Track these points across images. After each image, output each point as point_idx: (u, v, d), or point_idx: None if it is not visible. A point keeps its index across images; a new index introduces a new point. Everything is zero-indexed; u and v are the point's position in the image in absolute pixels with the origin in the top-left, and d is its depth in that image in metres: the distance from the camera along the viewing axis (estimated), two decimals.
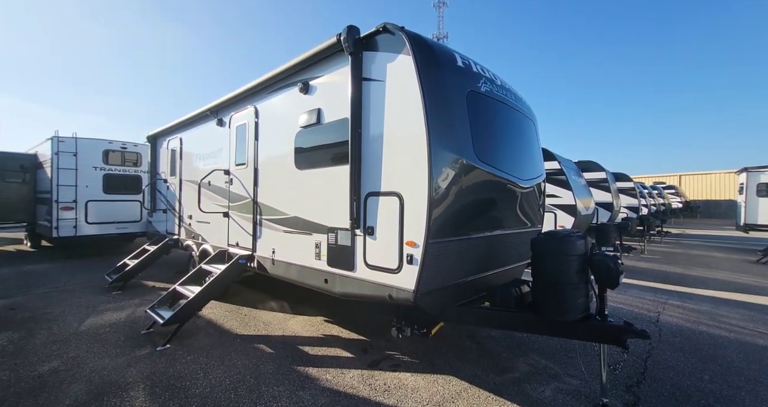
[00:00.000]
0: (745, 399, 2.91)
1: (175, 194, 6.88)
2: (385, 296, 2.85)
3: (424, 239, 2.57)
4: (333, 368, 3.37)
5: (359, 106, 3.07)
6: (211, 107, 5.44)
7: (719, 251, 12.17)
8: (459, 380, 3.16)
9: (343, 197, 3.21)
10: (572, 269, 2.71)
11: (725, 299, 5.93)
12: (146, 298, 5.59)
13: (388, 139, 2.87)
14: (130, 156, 10.32)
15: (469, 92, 2.98)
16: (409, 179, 2.69)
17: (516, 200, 3.47)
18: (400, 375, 3.25)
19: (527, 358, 3.63)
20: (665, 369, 3.39)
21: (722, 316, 5.11)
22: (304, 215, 3.71)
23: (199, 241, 5.90)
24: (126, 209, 10.01)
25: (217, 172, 5.14)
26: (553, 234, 2.83)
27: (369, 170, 3.02)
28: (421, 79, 2.62)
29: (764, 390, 3.06)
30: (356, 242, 3.12)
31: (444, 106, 2.72)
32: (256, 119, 4.54)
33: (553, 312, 2.73)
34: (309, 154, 3.72)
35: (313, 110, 3.59)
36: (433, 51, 2.81)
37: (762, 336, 4.35)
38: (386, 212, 2.85)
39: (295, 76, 3.86)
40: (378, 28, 2.95)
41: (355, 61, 3.06)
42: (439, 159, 2.60)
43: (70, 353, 3.58)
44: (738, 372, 3.38)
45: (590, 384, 3.11)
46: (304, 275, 3.71)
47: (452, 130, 2.74)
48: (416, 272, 2.62)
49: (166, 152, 7.34)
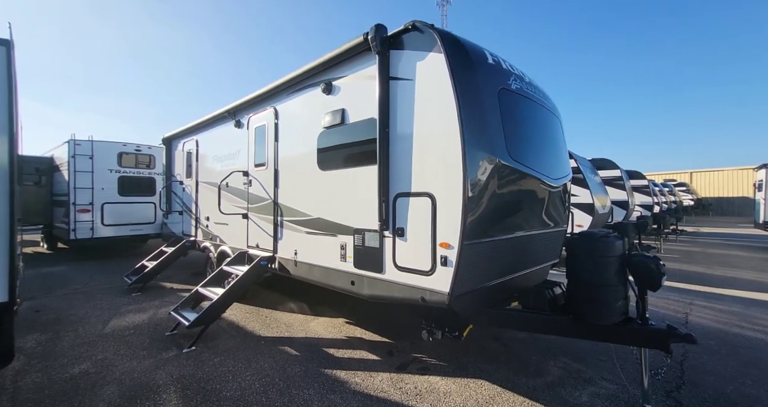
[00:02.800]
0: None
1: (191, 195, 6.90)
2: (417, 299, 2.80)
3: (459, 240, 2.50)
4: (361, 371, 3.32)
5: (387, 106, 3.02)
6: (228, 108, 5.43)
7: (739, 250, 11.87)
8: (491, 384, 3.10)
9: (370, 198, 3.16)
10: (611, 271, 2.63)
11: (755, 300, 5.75)
12: (166, 299, 5.62)
13: (418, 139, 2.82)
14: (143, 158, 10.42)
15: (501, 90, 2.91)
16: (442, 179, 2.62)
17: (546, 200, 3.39)
18: (430, 378, 3.20)
19: (557, 361, 3.54)
20: (704, 373, 3.28)
21: (755, 318, 4.94)
22: (328, 216, 3.67)
23: (217, 242, 5.91)
24: (140, 211, 10.11)
25: (236, 173, 5.13)
26: (590, 235, 2.74)
27: (398, 170, 2.97)
28: (454, 78, 2.56)
29: None
30: (385, 243, 3.07)
31: (477, 104, 2.66)
32: (275, 120, 4.51)
33: (592, 316, 2.66)
34: (333, 155, 3.68)
35: (336, 111, 3.55)
36: (464, 48, 2.74)
37: None
38: (417, 213, 2.80)
39: (317, 76, 3.82)
40: (406, 26, 2.90)
41: (382, 61, 3.01)
42: (474, 159, 2.54)
43: (98, 355, 3.59)
44: None
45: (627, 388, 3.02)
46: (328, 276, 3.67)
47: (485, 128, 2.67)
48: (451, 274, 2.56)
49: (181, 154, 7.37)
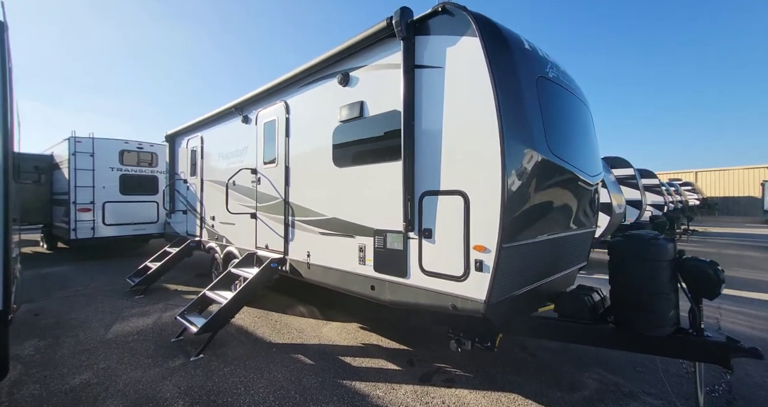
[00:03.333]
0: None
1: (195, 194, 6.68)
2: (446, 307, 2.56)
3: (497, 243, 2.27)
4: (381, 383, 3.09)
5: (412, 97, 2.78)
6: (235, 103, 5.20)
7: (754, 251, 11.59)
8: (524, 398, 2.86)
9: (393, 197, 2.93)
10: (663, 277, 2.39)
11: None
12: (170, 302, 5.40)
13: (448, 132, 2.58)
14: (145, 156, 10.21)
15: (539, 78, 2.67)
16: (477, 176, 2.39)
17: (582, 199, 3.15)
18: (457, 391, 2.96)
19: (591, 373, 3.30)
20: (753, 387, 3.04)
21: None
22: (345, 216, 3.44)
23: (224, 243, 5.68)
24: (143, 210, 9.89)
25: (244, 171, 4.90)
26: (639, 237, 2.50)
27: (424, 167, 2.73)
28: (491, 64, 2.32)
29: None
30: (410, 245, 2.83)
31: (516, 93, 2.42)
32: (286, 115, 4.28)
33: (642, 326, 2.42)
34: (350, 150, 3.44)
35: (354, 103, 3.31)
36: (501, 32, 2.50)
37: None
38: (448, 212, 2.56)
39: (333, 67, 3.58)
40: (435, 9, 2.66)
41: (407, 47, 2.77)
42: (513, 153, 2.30)
43: (100, 364, 3.37)
44: None
45: (672, 402, 2.78)
46: (345, 281, 3.44)
47: (525, 120, 2.43)
48: (487, 280, 2.32)
49: (185, 151, 7.14)
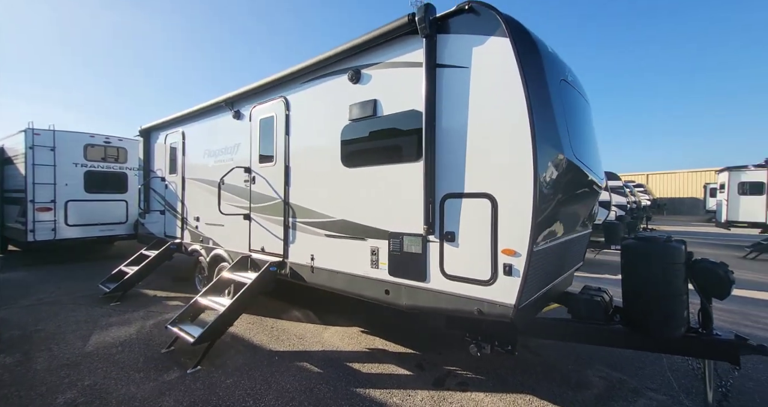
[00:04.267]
0: None
1: (176, 193, 6.26)
2: (471, 311, 2.53)
3: (528, 246, 2.26)
4: (396, 389, 3.02)
5: (433, 97, 2.71)
6: (226, 98, 4.91)
7: (706, 248, 12.58)
8: (540, 400, 2.89)
9: (411, 199, 2.85)
10: (679, 279, 2.48)
11: (745, 298, 5.96)
12: (151, 310, 5.02)
13: (473, 134, 2.54)
14: (114, 151, 9.48)
15: (561, 81, 2.70)
16: (506, 178, 2.36)
17: (591, 201, 3.23)
18: (474, 395, 2.94)
19: (596, 370, 3.40)
20: (743, 378, 3.25)
21: (756, 316, 5.09)
22: (355, 218, 3.32)
23: (210, 245, 5.36)
24: (111, 210, 9.17)
25: (237, 170, 4.63)
26: (654, 239, 2.59)
27: (446, 168, 2.68)
28: (522, 65, 2.30)
29: None
30: (429, 249, 2.77)
31: (545, 96, 2.42)
32: (286, 112, 4.08)
33: (657, 327, 2.50)
34: (361, 150, 3.32)
35: (367, 102, 3.20)
36: (529, 35, 2.50)
37: None
38: (473, 215, 2.52)
39: (343, 63, 3.45)
40: (459, 7, 2.61)
41: (429, 45, 2.70)
42: (544, 155, 2.30)
43: (85, 380, 3.04)
44: None
45: (678, 398, 2.91)
46: (355, 285, 3.32)
47: (553, 123, 2.44)
48: (517, 284, 2.31)
49: (163, 147, 6.68)
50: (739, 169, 15.66)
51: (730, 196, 15.92)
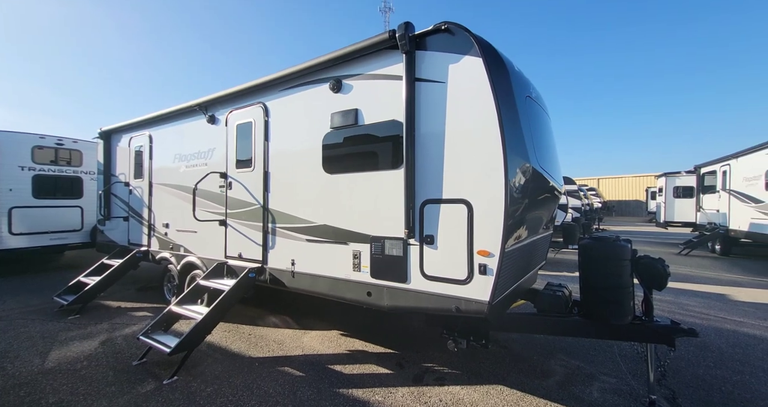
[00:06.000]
0: (752, 382, 3.28)
1: (142, 199, 5.99)
2: (450, 309, 2.72)
3: (501, 247, 2.49)
4: (378, 387, 3.14)
5: (413, 108, 2.91)
6: (199, 102, 4.82)
7: (647, 246, 13.87)
8: (510, 389, 3.13)
9: (392, 204, 3.02)
10: (627, 273, 2.84)
11: (678, 289, 6.72)
12: (116, 321, 4.78)
13: (450, 144, 2.75)
14: (67, 154, 8.83)
15: (526, 98, 2.99)
16: (481, 186, 2.59)
17: (552, 205, 3.57)
18: (450, 388, 3.14)
19: (557, 359, 3.73)
20: (676, 360, 3.70)
21: (686, 305, 5.77)
22: (337, 223, 3.43)
23: (181, 253, 5.19)
24: (63, 217, 8.52)
25: (212, 175, 4.56)
26: (606, 239, 2.94)
27: (425, 176, 2.87)
28: (493, 83, 2.55)
29: (760, 372, 3.48)
30: (410, 251, 2.94)
31: (512, 110, 2.69)
32: (265, 118, 4.11)
33: (611, 316, 2.84)
34: (343, 158, 3.44)
35: (349, 111, 3.33)
36: (499, 55, 2.77)
37: (725, 320, 5.00)
38: (451, 220, 2.73)
39: (324, 73, 3.56)
40: (436, 27, 2.83)
41: (409, 60, 2.90)
42: (513, 165, 2.55)
43: (49, 398, 2.88)
44: (731, 357, 3.81)
45: (626, 380, 3.28)
46: (338, 288, 3.42)
47: (520, 135, 2.72)
48: (491, 282, 2.53)
49: (127, 150, 6.37)
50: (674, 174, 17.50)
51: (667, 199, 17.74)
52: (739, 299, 6.19)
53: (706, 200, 13.40)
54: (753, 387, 3.19)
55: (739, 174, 10.62)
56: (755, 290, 6.87)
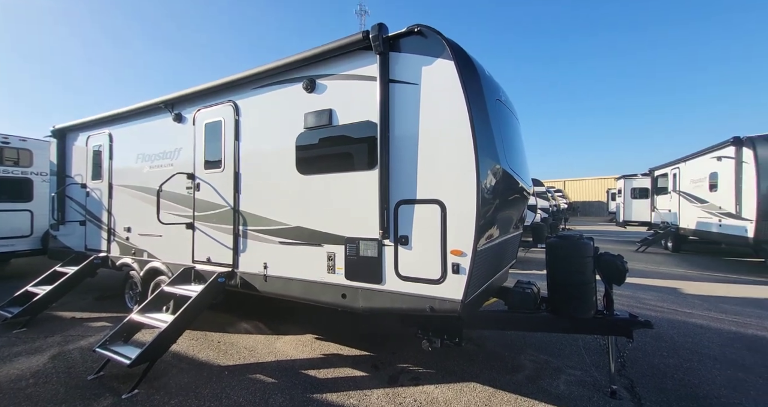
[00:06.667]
0: (700, 369, 3.55)
1: (101, 201, 5.61)
2: (424, 309, 2.75)
3: (473, 247, 2.55)
4: (353, 390, 3.11)
5: (387, 110, 2.93)
6: (165, 99, 4.61)
7: (608, 244, 14.72)
8: (482, 385, 3.20)
9: (367, 205, 3.01)
10: (589, 269, 2.99)
11: (636, 284, 7.18)
12: (70, 334, 4.43)
13: (424, 146, 2.79)
14: (14, 153, 8.13)
15: (496, 101, 3.09)
16: (453, 186, 2.64)
17: (522, 205, 3.70)
18: (425, 388, 3.16)
19: (526, 355, 3.86)
20: (634, 351, 3.94)
21: (643, 298, 6.17)
22: (311, 224, 3.37)
23: (144, 258, 4.91)
24: (10, 222, 7.82)
25: (179, 176, 4.35)
26: (571, 237, 3.08)
27: (400, 177, 2.89)
28: (465, 86, 2.62)
29: (707, 359, 3.77)
30: (385, 252, 2.95)
31: (483, 113, 2.77)
32: (236, 117, 3.99)
33: (575, 311, 2.98)
34: (317, 158, 3.40)
35: (323, 111, 3.30)
36: (470, 58, 2.84)
37: (676, 312, 5.39)
38: (425, 220, 2.76)
39: (298, 72, 3.51)
40: (409, 29, 2.87)
41: (383, 62, 2.92)
42: (484, 166, 2.63)
43: None
44: (682, 346, 4.10)
45: (590, 372, 3.45)
46: (311, 291, 3.36)
47: (491, 136, 2.80)
48: (464, 281, 2.58)
49: (84, 150, 5.96)
50: (631, 177, 18.74)
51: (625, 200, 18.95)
52: (689, 292, 6.70)
53: (660, 200, 14.43)
54: (701, 373, 3.45)
55: (687, 177, 11.52)
56: (702, 283, 7.47)
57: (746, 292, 6.72)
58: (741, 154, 8.27)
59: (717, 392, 3.09)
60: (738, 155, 8.36)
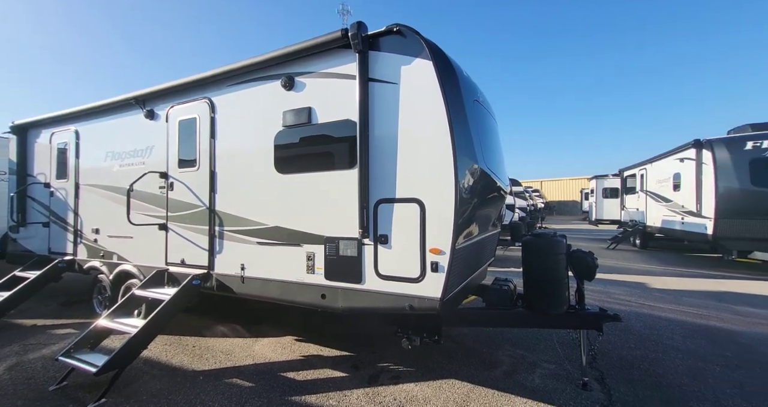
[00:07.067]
0: (664, 359, 3.74)
1: (66, 202, 5.32)
2: (403, 307, 2.77)
3: (451, 245, 2.59)
4: (332, 391, 3.09)
5: (367, 109, 2.93)
6: (136, 95, 4.42)
7: (581, 242, 15.25)
8: (461, 382, 3.25)
9: (346, 204, 3.00)
10: (562, 266, 3.10)
11: (606, 280, 7.50)
12: (30, 342, 4.18)
13: (403, 145, 2.81)
14: None
15: (474, 101, 3.15)
16: (432, 185, 2.68)
17: (499, 204, 3.79)
18: (405, 386, 3.18)
19: (504, 350, 3.95)
20: (604, 343, 4.11)
21: (613, 293, 6.46)
22: (290, 224, 3.33)
23: (114, 261, 4.70)
24: None
25: (151, 175, 4.19)
26: (545, 236, 3.19)
27: (379, 176, 2.90)
28: (443, 86, 2.66)
29: (670, 350, 3.98)
30: (364, 251, 2.94)
31: (461, 113, 2.82)
32: (212, 114, 3.88)
33: (550, 307, 3.08)
34: (296, 157, 3.36)
35: (302, 109, 3.26)
36: (448, 59, 2.88)
37: (643, 306, 5.67)
38: (404, 219, 2.78)
39: (276, 69, 3.45)
40: (388, 28, 2.88)
41: (363, 60, 2.92)
42: (462, 165, 2.67)
43: None
44: (648, 338, 4.32)
45: (563, 366, 3.57)
46: (290, 292, 3.31)
47: (468, 136, 2.85)
48: (442, 279, 2.62)
49: (47, 147, 5.63)
50: (603, 177, 19.58)
51: (597, 199, 19.76)
52: (654, 286, 7.07)
53: (629, 200, 15.13)
54: (664, 363, 3.65)
55: (654, 177, 12.15)
56: (666, 278, 7.90)
57: (706, 286, 7.15)
58: (701, 156, 8.79)
59: (679, 381, 3.27)
60: (698, 156, 8.88)
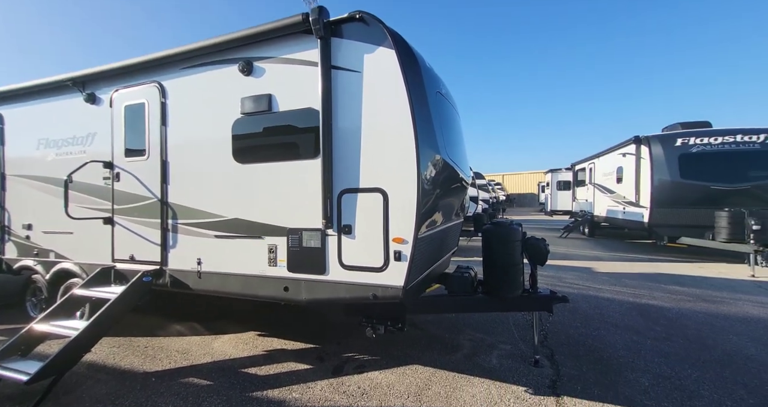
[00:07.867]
0: (605, 335, 4.11)
1: None
2: (367, 297, 2.79)
3: (414, 234, 2.64)
4: (295, 384, 3.06)
5: (330, 97, 2.87)
6: (74, 76, 3.99)
7: (537, 231, 16.20)
8: (424, 367, 3.36)
9: (310, 195, 2.95)
10: (518, 252, 3.28)
11: (557, 265, 8.07)
12: None
13: (367, 135, 2.80)
14: None
15: (437, 92, 3.20)
16: (395, 175, 2.69)
17: (461, 194, 3.91)
18: (369, 375, 3.23)
19: (465, 334, 4.13)
20: (554, 324, 4.43)
21: (563, 277, 6.96)
22: (251, 216, 3.21)
23: (50, 259, 4.27)
24: None
25: (93, 165, 3.83)
26: (503, 224, 3.34)
27: (343, 165, 2.87)
28: (406, 76, 2.66)
29: (610, 326, 4.38)
30: (328, 242, 2.92)
31: (423, 104, 2.85)
32: (162, 99, 3.61)
33: (506, 291, 3.25)
34: (256, 146, 3.23)
35: (261, 96, 3.13)
36: (411, 49, 2.89)
37: (591, 288, 6.17)
38: (367, 209, 2.78)
39: (233, 52, 3.27)
40: (350, 15, 2.82)
41: (325, 47, 2.84)
42: (425, 156, 2.71)
43: None
44: (592, 317, 4.72)
45: (518, 346, 3.81)
46: (252, 285, 3.21)
47: (430, 127, 2.90)
48: (405, 268, 2.66)
49: None
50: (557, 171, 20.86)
51: (552, 191, 21.05)
52: (600, 270, 7.71)
53: (579, 192, 16.28)
54: (605, 339, 4.01)
55: (601, 170, 13.14)
56: (610, 262, 8.65)
57: (643, 268, 7.92)
58: (640, 151, 9.64)
59: (616, 353, 3.61)
60: (638, 151, 9.73)
